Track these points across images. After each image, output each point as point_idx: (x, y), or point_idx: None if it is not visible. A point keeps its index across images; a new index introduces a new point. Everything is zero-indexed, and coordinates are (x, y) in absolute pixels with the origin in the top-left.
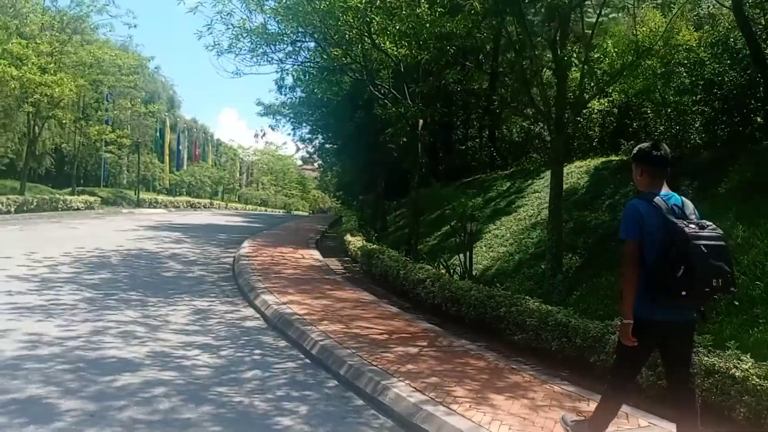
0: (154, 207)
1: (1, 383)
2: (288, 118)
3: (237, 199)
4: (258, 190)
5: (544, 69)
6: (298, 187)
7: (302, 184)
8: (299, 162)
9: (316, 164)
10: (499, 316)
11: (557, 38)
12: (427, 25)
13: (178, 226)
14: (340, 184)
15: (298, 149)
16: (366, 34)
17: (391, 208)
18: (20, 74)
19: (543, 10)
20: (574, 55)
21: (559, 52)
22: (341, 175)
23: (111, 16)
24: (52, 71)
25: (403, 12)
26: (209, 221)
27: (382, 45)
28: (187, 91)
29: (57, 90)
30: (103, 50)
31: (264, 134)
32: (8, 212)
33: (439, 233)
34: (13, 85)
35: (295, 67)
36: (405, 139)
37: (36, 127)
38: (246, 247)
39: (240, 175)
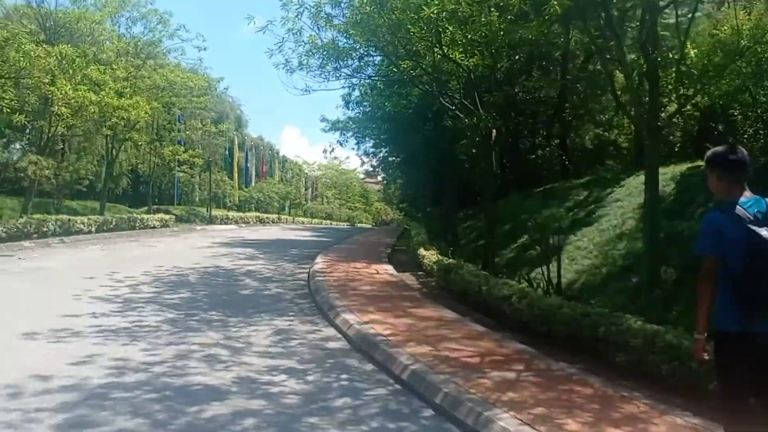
0: (226, 223)
1: (90, 415)
2: (352, 133)
3: (303, 214)
4: (323, 204)
5: (635, 72)
6: (361, 200)
7: (365, 197)
8: (362, 175)
9: (379, 177)
10: (596, 336)
11: (645, 39)
12: (501, 32)
13: (251, 242)
14: (404, 196)
15: (362, 163)
16: (436, 44)
17: (459, 221)
18: (99, 99)
19: (631, 9)
20: (670, 56)
21: (651, 53)
22: (405, 187)
23: (182, 40)
24: (128, 95)
25: (477, 20)
26: (280, 236)
27: (453, 55)
28: (251, 110)
29: (133, 113)
30: (175, 73)
31: (333, 149)
32: (89, 232)
33: (515, 245)
34: (92, 110)
35: (363, 81)
36: (474, 150)
37: (113, 150)
38: (319, 262)
39: (305, 190)
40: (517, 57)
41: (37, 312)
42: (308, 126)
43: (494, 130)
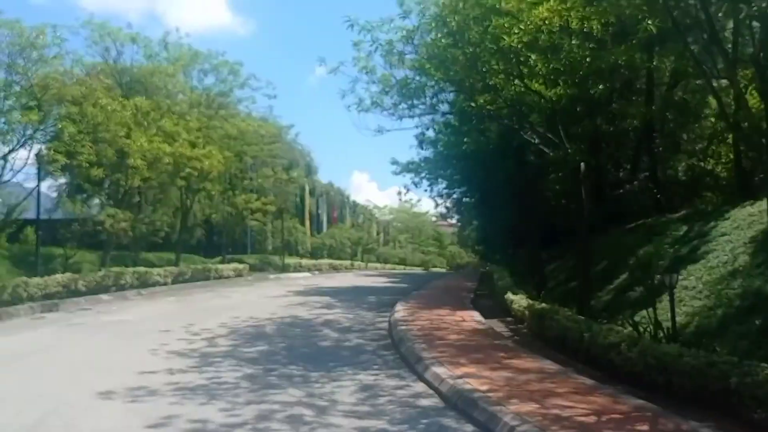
0: (299, 271)
1: None
2: (424, 175)
3: (375, 259)
4: (395, 248)
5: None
6: (434, 243)
7: (438, 240)
8: (434, 218)
9: (453, 219)
10: (727, 389)
11: (759, 52)
12: (587, 59)
13: (326, 289)
14: (481, 238)
15: (437, 205)
16: (516, 76)
17: (544, 261)
18: (173, 150)
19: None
20: None
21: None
22: (482, 229)
23: (252, 89)
24: (201, 145)
25: (559, 48)
26: (355, 283)
27: (534, 86)
28: (320, 156)
29: (206, 163)
30: (246, 122)
31: (408, 191)
32: (165, 284)
33: (611, 286)
34: (166, 161)
35: (437, 120)
36: (557, 186)
37: (187, 201)
38: (400, 310)
39: (377, 234)
40: (600, 86)
41: (113, 369)
42: (377, 170)
43: (582, 163)
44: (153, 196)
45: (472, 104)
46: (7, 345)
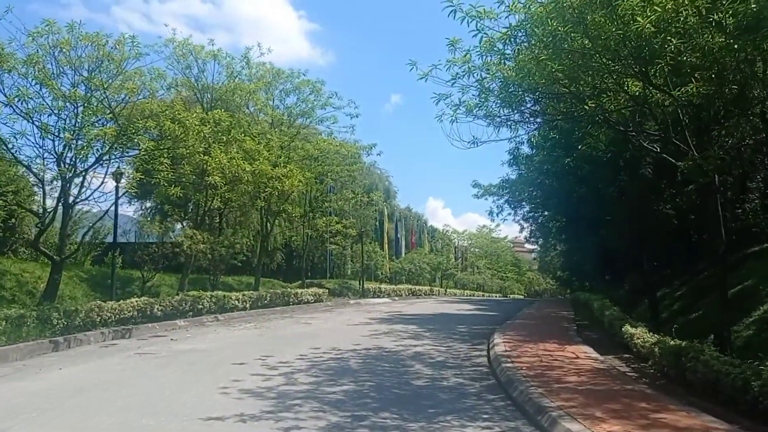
0: (378, 296)
1: None
2: (506, 198)
3: (454, 285)
4: (474, 274)
5: None
6: (512, 269)
7: (516, 266)
8: (510, 244)
9: (528, 246)
10: None
11: None
12: (733, 48)
13: (410, 317)
14: (568, 264)
15: (522, 228)
16: (638, 72)
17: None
18: (253, 168)
19: None
20: None
21: None
22: (569, 254)
23: (334, 108)
24: (281, 164)
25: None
26: (439, 310)
27: (658, 82)
28: (397, 181)
29: (287, 183)
30: (328, 142)
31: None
32: (244, 308)
33: (749, 320)
34: (246, 178)
35: (534, 133)
36: (678, 200)
37: (268, 223)
38: (499, 343)
39: (455, 260)
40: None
41: (177, 412)
42: (451, 198)
43: (716, 175)
44: (234, 219)
45: (585, 107)
46: (65, 378)
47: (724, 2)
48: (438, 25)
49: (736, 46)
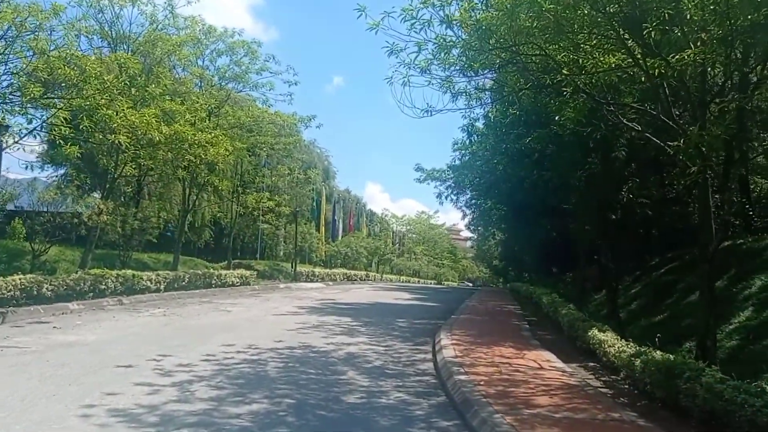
0: (311, 280)
1: None
2: (449, 184)
3: (390, 270)
4: (410, 260)
5: None
6: (449, 256)
7: (453, 253)
8: (446, 231)
9: (476, 232)
10: None
11: None
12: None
13: (344, 307)
14: (508, 253)
15: (464, 215)
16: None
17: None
18: (171, 131)
19: None
20: None
21: None
22: (509, 243)
23: (271, 73)
24: (207, 130)
25: None
26: (375, 299)
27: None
28: (337, 162)
29: (212, 151)
30: (262, 110)
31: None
32: (157, 290)
33: (730, 328)
34: (159, 140)
35: (494, 107)
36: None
37: (191, 196)
38: (447, 345)
39: (393, 245)
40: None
41: None
42: (390, 182)
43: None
44: (156, 190)
45: (560, 74)
46: None
47: None
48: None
49: None
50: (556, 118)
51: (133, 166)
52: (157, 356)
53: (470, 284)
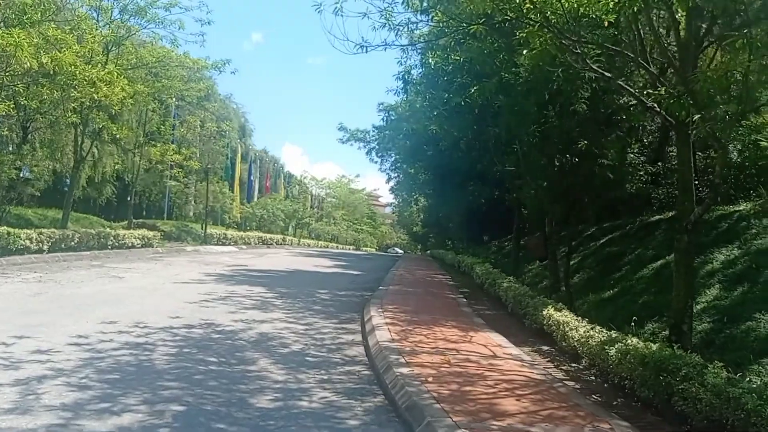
0: (223, 243)
1: None
2: (372, 146)
3: (308, 235)
4: (329, 225)
5: None
6: (369, 222)
7: (372, 219)
8: (366, 197)
9: (398, 198)
10: None
11: None
12: None
13: (258, 274)
14: (431, 220)
15: (389, 178)
16: None
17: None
18: (52, 61)
19: None
20: None
21: None
22: (433, 209)
23: (182, 8)
24: (99, 66)
25: None
26: (293, 265)
27: None
28: (254, 120)
29: (104, 89)
30: (167, 51)
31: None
32: (39, 251)
33: (698, 308)
34: (34, 67)
35: (435, 51)
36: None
37: (84, 145)
38: (381, 324)
39: (312, 209)
40: None
41: None
42: (310, 144)
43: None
44: (44, 138)
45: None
46: None
47: None
48: None
49: None
50: (519, 62)
51: (10, 105)
52: (9, 338)
53: (400, 251)
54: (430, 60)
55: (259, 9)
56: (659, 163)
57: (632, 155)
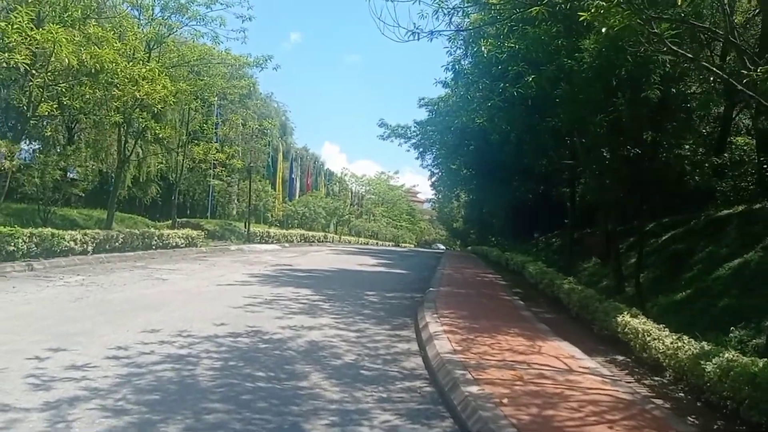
0: (266, 242)
1: None
2: (413, 141)
3: (349, 232)
4: (369, 221)
5: None
6: (408, 218)
7: (411, 215)
8: (404, 193)
9: (439, 194)
10: None
11: None
12: None
13: (302, 274)
14: (473, 215)
15: (432, 174)
16: None
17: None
18: (93, 59)
19: None
20: None
21: None
22: (476, 204)
23: (222, 4)
24: (139, 63)
25: None
26: (337, 264)
27: None
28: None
29: (146, 87)
30: (209, 48)
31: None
32: (84, 252)
33: None
34: (75, 66)
35: (489, 39)
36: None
37: (128, 145)
38: (439, 332)
39: (352, 206)
40: None
41: None
42: (348, 143)
43: None
44: (89, 138)
45: None
46: None
47: None
48: None
49: None
50: (582, 46)
51: (54, 105)
52: (44, 351)
53: (442, 248)
54: (483, 48)
55: (297, 9)
56: (725, 155)
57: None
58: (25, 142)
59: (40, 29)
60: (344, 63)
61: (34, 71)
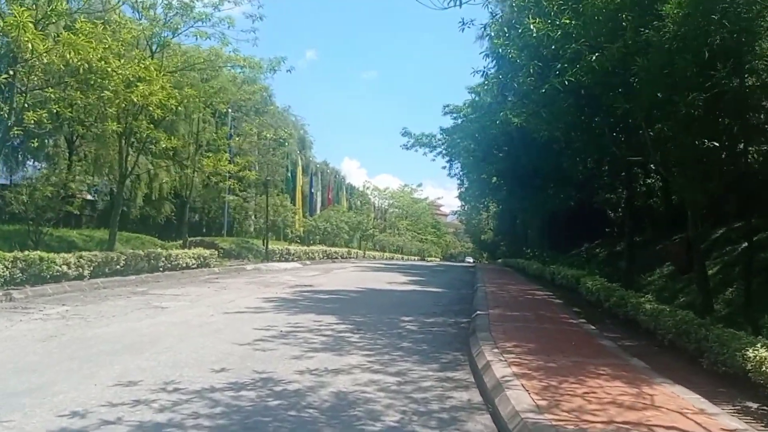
0: (286, 259)
1: None
2: (439, 150)
3: (373, 246)
4: (394, 235)
5: None
6: (433, 232)
7: (436, 228)
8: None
9: (467, 205)
10: None
11: None
12: None
13: (325, 296)
14: (505, 226)
15: (461, 184)
16: None
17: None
18: (78, 58)
19: None
20: None
21: None
22: (506, 215)
23: (230, 2)
24: (139, 65)
25: None
26: (363, 283)
27: None
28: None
29: (141, 89)
30: (216, 49)
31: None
32: (80, 277)
33: None
34: (58, 64)
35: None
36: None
37: (128, 157)
38: (506, 377)
39: (376, 220)
40: None
41: None
42: (367, 158)
43: None
44: (90, 152)
45: None
46: None
47: None
48: None
49: None
50: (663, 11)
51: (43, 113)
52: None
53: (471, 260)
54: (532, 26)
55: (312, 26)
56: None
57: None
58: (30, 162)
59: (9, 17)
60: (360, 80)
61: (11, 70)
